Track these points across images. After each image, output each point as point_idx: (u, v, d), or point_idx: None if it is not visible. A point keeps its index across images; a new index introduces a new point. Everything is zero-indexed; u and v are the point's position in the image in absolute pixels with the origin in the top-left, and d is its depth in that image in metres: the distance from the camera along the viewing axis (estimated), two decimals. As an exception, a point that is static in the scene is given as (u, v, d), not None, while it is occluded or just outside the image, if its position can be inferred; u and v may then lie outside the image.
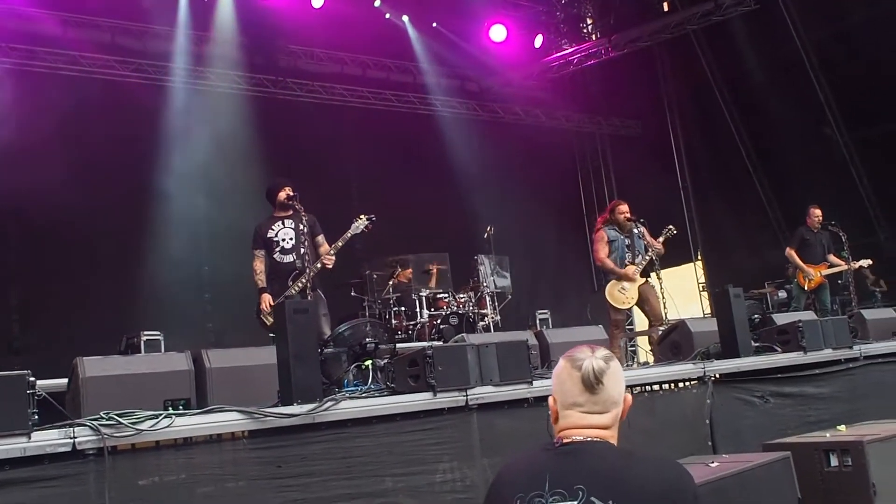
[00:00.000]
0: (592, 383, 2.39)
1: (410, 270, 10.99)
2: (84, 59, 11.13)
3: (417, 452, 4.77)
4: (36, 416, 3.76)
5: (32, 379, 3.78)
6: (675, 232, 9.33)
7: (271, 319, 7.32)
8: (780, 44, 13.72)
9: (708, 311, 14.77)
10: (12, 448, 3.64)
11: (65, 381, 4.88)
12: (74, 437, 3.78)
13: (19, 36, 10.79)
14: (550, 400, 2.51)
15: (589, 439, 2.37)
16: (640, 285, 9.03)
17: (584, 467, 2.32)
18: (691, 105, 15.97)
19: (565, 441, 2.40)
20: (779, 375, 6.78)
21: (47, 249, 10.12)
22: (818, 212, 11.08)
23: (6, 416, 3.66)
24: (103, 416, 3.90)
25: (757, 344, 7.15)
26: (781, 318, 7.91)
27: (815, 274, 10.89)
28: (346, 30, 12.89)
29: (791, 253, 11.03)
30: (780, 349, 7.10)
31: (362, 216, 7.55)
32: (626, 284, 9.00)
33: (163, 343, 8.44)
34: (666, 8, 14.30)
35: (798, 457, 4.98)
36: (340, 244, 7.44)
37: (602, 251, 9.17)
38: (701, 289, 15.94)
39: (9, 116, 9.87)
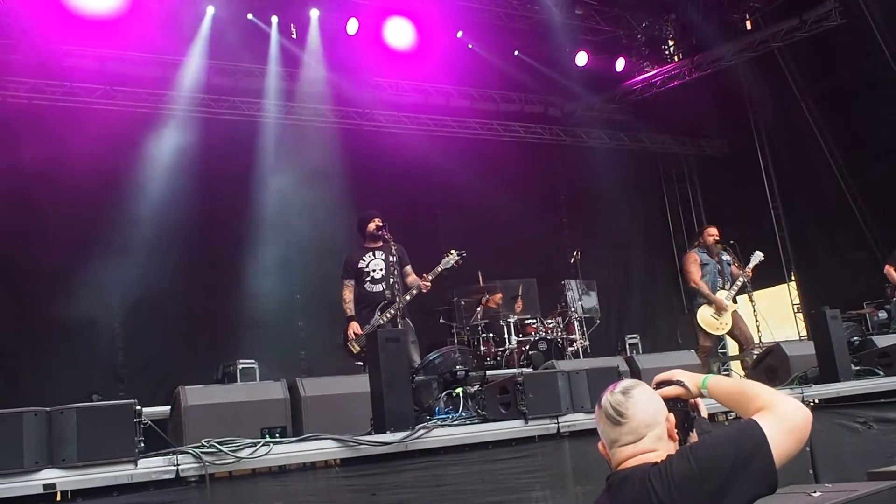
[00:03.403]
0: (616, 418, 2.46)
1: (500, 295, 11.00)
2: (182, 99, 11.53)
3: (510, 480, 4.77)
4: (142, 444, 3.92)
5: (139, 408, 3.95)
6: (762, 258, 9.16)
7: (357, 347, 7.46)
8: (869, 57, 13.33)
9: (804, 333, 14.35)
10: (120, 475, 3.80)
11: (166, 408, 5.06)
12: (178, 465, 3.92)
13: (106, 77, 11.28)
14: (599, 445, 2.57)
15: (633, 466, 2.42)
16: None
17: (628, 493, 2.37)
18: (779, 122, 15.61)
19: (612, 474, 2.47)
20: (882, 400, 6.54)
21: (147, 279, 10.48)
22: (918, 228, 10.71)
23: (115, 444, 3.83)
24: (205, 443, 4.03)
25: (857, 368, 6.93)
26: (883, 340, 7.64)
27: (917, 293, 10.52)
28: (429, 61, 13.06)
29: (890, 270, 10.65)
30: (882, 373, 6.87)
31: (453, 251, 7.65)
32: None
33: (258, 371, 8.62)
34: (749, 26, 14.06)
35: (905, 486, 4.80)
36: (431, 278, 7.53)
37: (696, 273, 9.06)
38: (796, 310, 15.48)
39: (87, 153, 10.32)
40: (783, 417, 2.33)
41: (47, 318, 9.98)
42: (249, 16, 11.83)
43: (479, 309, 10.60)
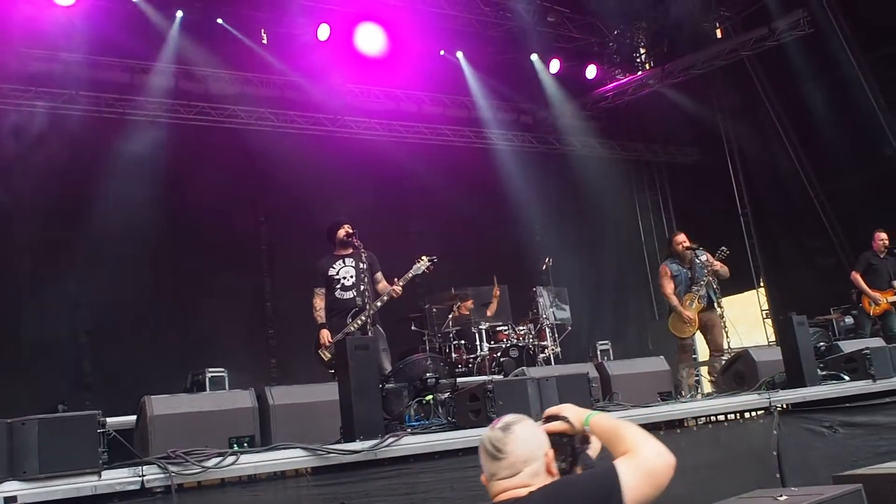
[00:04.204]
0: (494, 453, 2.52)
1: (471, 302, 10.99)
2: (150, 105, 11.44)
3: (480, 487, 4.71)
4: (106, 455, 3.85)
5: (103, 419, 3.88)
6: (727, 252, 9.20)
7: (329, 355, 7.40)
8: (837, 65, 13.50)
9: (772, 338, 14.49)
10: (83, 486, 3.72)
11: (133, 418, 4.99)
12: (143, 476, 3.85)
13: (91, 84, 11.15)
14: (482, 477, 2.61)
15: (503, 500, 2.47)
16: (705, 313, 8.96)
17: None
18: (748, 130, 15.78)
19: None
20: (848, 405, 6.61)
21: (115, 287, 10.36)
22: (884, 236, 10.76)
23: (78, 455, 3.75)
24: (170, 454, 3.97)
25: (824, 372, 7.01)
26: (848, 346, 7.75)
27: (882, 299, 10.58)
28: (401, 67, 13.06)
29: (856, 276, 10.75)
30: (847, 377, 6.96)
31: (424, 257, 7.60)
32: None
33: (227, 380, 8.54)
34: (719, 35, 14.22)
35: (870, 489, 4.81)
36: (402, 283, 7.48)
37: (668, 286, 9.19)
38: (764, 316, 15.65)
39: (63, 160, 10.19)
40: (642, 462, 2.40)
41: (12, 326, 9.83)
42: (219, 20, 11.76)
43: (450, 316, 10.58)
